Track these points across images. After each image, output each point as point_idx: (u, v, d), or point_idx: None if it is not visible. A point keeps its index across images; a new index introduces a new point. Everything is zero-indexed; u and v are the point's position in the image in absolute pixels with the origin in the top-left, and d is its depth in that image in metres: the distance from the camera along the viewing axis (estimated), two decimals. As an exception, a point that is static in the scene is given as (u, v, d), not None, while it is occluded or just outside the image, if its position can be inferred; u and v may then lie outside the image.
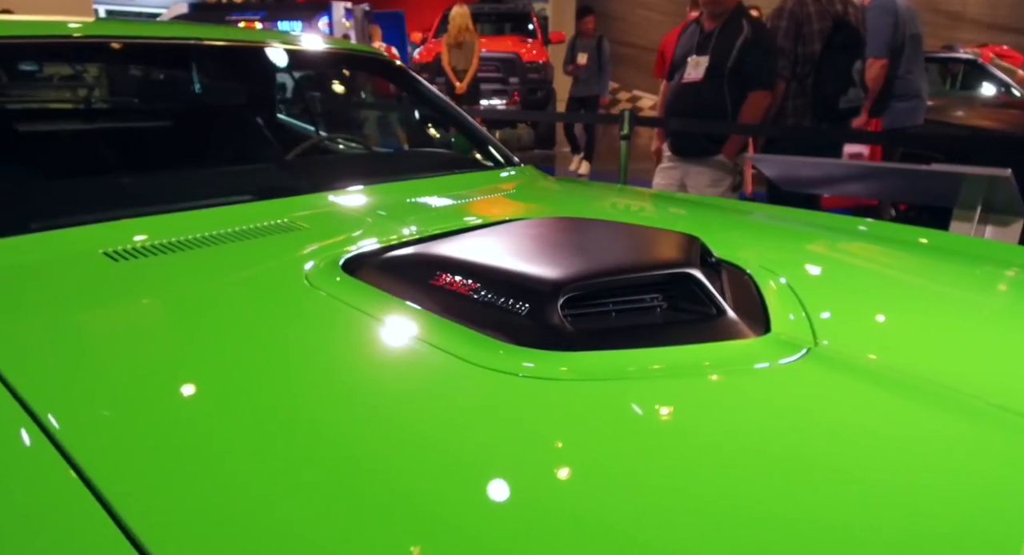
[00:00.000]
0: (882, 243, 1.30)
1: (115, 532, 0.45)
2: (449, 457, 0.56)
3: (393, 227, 1.15)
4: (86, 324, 0.82)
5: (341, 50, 2.07)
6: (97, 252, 0.99)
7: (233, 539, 0.46)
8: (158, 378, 0.68)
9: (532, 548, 0.45)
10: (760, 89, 2.54)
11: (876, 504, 0.51)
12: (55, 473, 0.52)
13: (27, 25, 1.42)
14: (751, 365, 0.71)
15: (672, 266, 0.82)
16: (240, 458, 0.55)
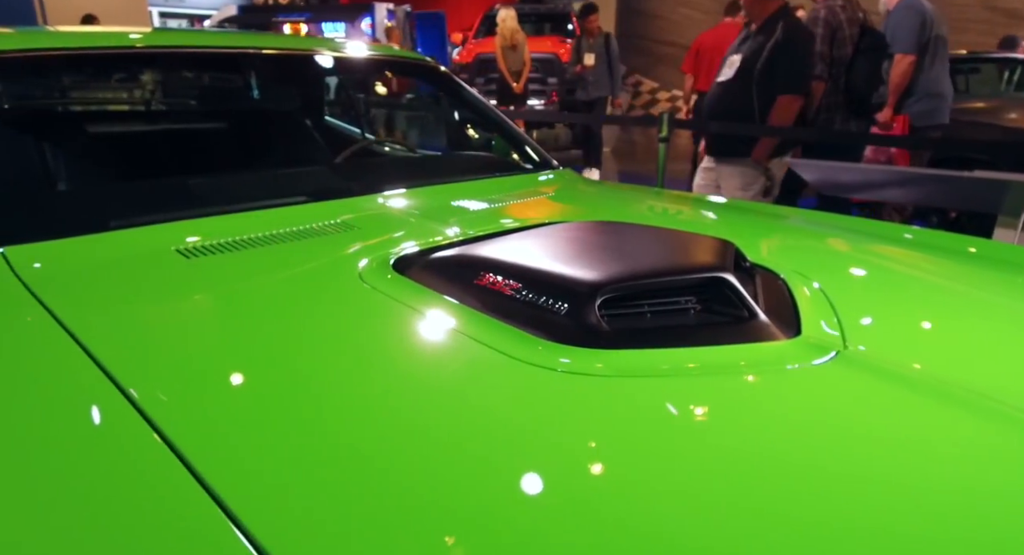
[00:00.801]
0: (917, 249, 1.31)
1: (198, 492, 0.52)
2: (491, 444, 0.61)
3: (439, 228, 1.21)
4: (167, 315, 0.90)
5: (387, 56, 2.15)
6: (170, 249, 1.08)
7: (305, 502, 0.52)
8: (233, 361, 0.75)
9: (568, 530, 0.50)
10: (787, 93, 2.53)
11: (891, 501, 0.54)
12: (143, 442, 0.59)
13: (104, 36, 1.53)
14: (780, 366, 0.74)
15: (706, 270, 0.86)
16: (306, 434, 0.61)
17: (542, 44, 8.88)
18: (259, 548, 0.47)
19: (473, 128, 2.22)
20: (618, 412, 0.66)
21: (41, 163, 1.43)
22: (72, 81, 1.95)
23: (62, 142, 1.54)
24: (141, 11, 8.62)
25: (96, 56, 1.54)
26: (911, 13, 3.14)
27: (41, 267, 0.99)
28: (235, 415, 0.65)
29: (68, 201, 1.34)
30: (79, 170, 1.53)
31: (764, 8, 2.50)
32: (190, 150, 1.75)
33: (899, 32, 3.19)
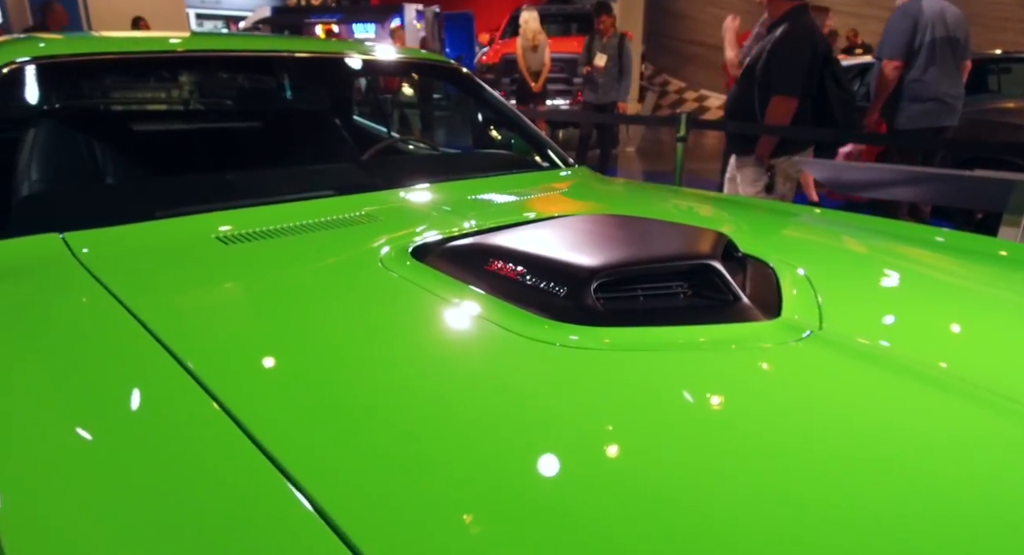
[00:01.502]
0: (906, 242, 1.37)
1: (254, 451, 0.60)
2: (501, 407, 0.70)
3: (455, 221, 1.30)
4: (211, 293, 1.01)
5: (413, 59, 2.25)
6: (210, 236, 1.19)
7: (352, 460, 0.61)
8: (272, 334, 0.85)
9: (573, 477, 0.59)
10: (779, 94, 2.57)
11: (840, 462, 0.61)
12: (199, 406, 0.68)
13: (151, 41, 1.65)
14: (755, 343, 0.82)
15: (695, 258, 0.94)
16: (342, 397, 0.71)
17: (568, 44, 8.94)
18: (312, 500, 0.53)
19: (493, 127, 2.31)
20: (608, 380, 0.75)
21: (94, 159, 1.56)
22: (122, 83, 2.09)
23: (113, 139, 1.67)
24: (179, 13, 8.89)
25: (144, 60, 1.67)
26: (902, 18, 3.20)
27: (97, 250, 1.11)
28: (281, 381, 0.74)
29: (119, 193, 1.46)
30: (128, 165, 1.66)
31: (776, 10, 2.55)
32: (228, 147, 1.88)
33: (887, 37, 3.28)
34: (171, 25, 8.59)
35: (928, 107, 3.26)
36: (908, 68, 3.24)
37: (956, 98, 3.30)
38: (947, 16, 3.17)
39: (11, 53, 1.40)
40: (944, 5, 3.19)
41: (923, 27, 3.15)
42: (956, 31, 3.19)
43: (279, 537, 0.51)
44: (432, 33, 12.81)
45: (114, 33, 1.76)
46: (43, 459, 0.62)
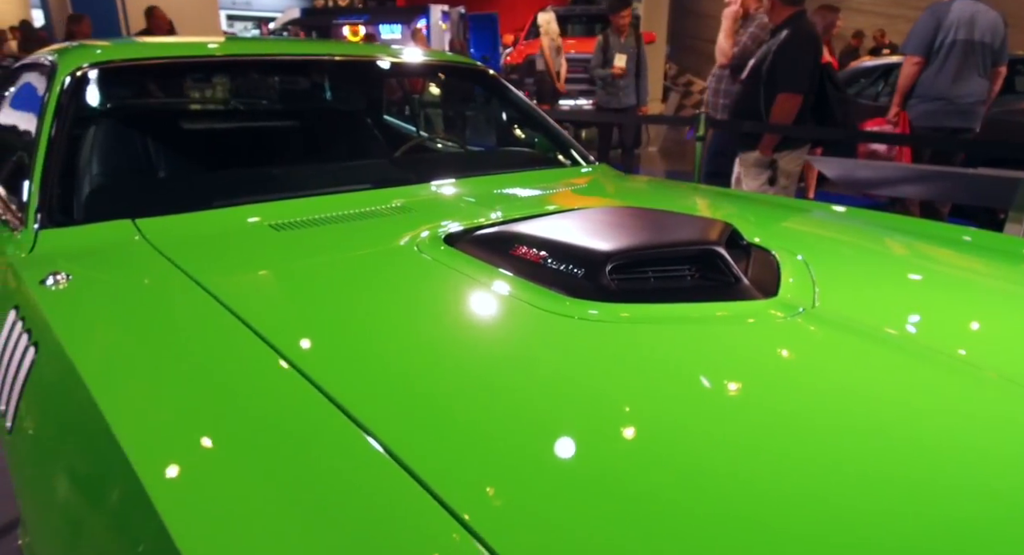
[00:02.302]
0: (903, 234, 1.45)
1: (333, 410, 0.69)
2: (528, 370, 0.80)
3: (482, 212, 1.42)
4: (270, 270, 1.13)
5: (442, 61, 2.38)
6: (263, 224, 1.32)
7: (419, 409, 0.72)
8: (328, 307, 0.97)
9: (592, 427, 0.69)
10: (784, 91, 2.71)
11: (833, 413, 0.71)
12: (278, 371, 0.80)
13: (198, 46, 1.79)
14: (752, 317, 0.92)
15: (701, 244, 1.04)
16: (396, 361, 0.82)
17: (591, 45, 9.01)
18: (391, 452, 0.62)
19: (518, 127, 2.42)
20: (621, 347, 0.85)
21: (154, 154, 1.71)
22: (176, 84, 2.25)
23: (169, 136, 1.82)
24: (213, 15, 9.13)
25: (194, 63, 1.81)
26: (929, 17, 3.27)
27: (165, 235, 1.24)
28: (340, 347, 0.85)
29: (180, 184, 1.60)
30: (183, 159, 1.80)
31: (779, 14, 2.67)
32: (272, 143, 2.02)
33: (911, 34, 3.36)
34: (204, 26, 8.85)
35: (933, 107, 3.30)
36: (928, 67, 3.30)
37: (971, 101, 3.32)
38: (977, 20, 3.19)
39: (77, 59, 1.55)
40: (978, 10, 3.20)
41: (947, 28, 3.19)
42: (985, 36, 3.21)
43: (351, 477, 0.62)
44: (457, 34, 12.96)
45: (165, 38, 1.91)
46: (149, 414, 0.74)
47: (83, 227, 1.27)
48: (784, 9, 2.71)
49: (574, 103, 8.23)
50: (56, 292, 1.02)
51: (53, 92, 1.45)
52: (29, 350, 0.93)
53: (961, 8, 3.19)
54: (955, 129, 3.31)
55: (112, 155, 1.58)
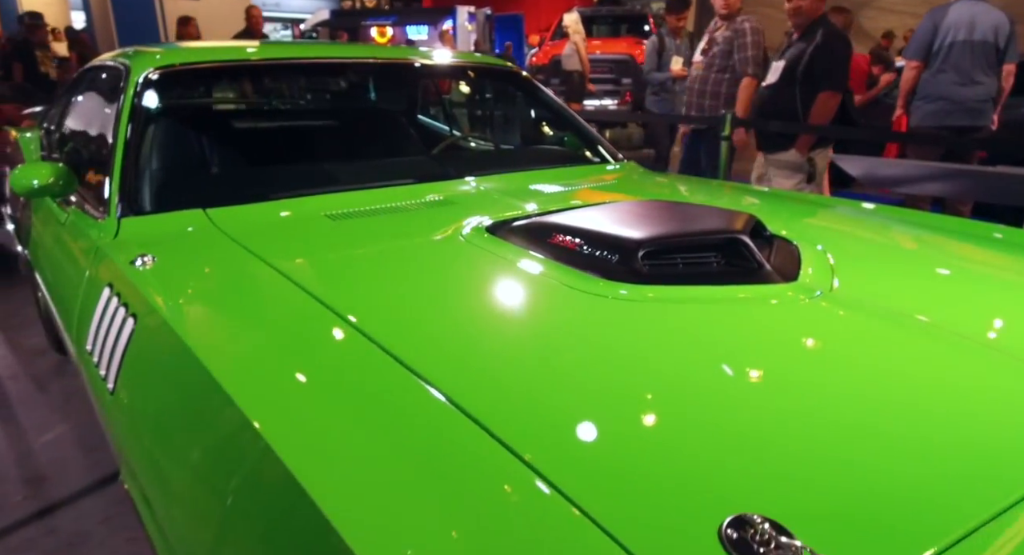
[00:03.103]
0: (921, 228, 1.53)
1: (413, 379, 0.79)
2: (572, 343, 0.90)
3: (519, 205, 1.52)
4: (335, 255, 1.24)
5: (476, 63, 2.48)
6: (320, 214, 1.43)
7: (486, 372, 0.83)
8: (388, 286, 1.08)
9: (632, 386, 0.79)
10: (827, 90, 2.80)
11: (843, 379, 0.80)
12: (356, 342, 0.91)
13: (253, 50, 1.92)
14: (773, 299, 1.00)
15: (726, 233, 1.13)
16: (455, 337, 0.92)
17: (617, 45, 9.07)
18: (456, 402, 0.71)
19: (548, 125, 2.52)
20: (650, 323, 0.94)
21: (221, 150, 1.84)
22: (234, 85, 2.40)
23: (234, 134, 1.95)
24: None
25: (251, 66, 1.94)
26: (926, 21, 3.35)
27: (234, 222, 1.36)
28: (406, 322, 0.94)
29: (242, 178, 1.73)
30: (246, 155, 1.94)
31: (810, 17, 2.74)
32: (323, 141, 2.15)
33: (911, 40, 3.46)
34: (238, 28, 9.08)
35: (937, 107, 3.35)
36: (928, 69, 3.37)
37: (977, 100, 3.35)
38: (978, 21, 3.23)
39: (147, 63, 1.68)
40: (978, 11, 3.24)
41: (944, 30, 3.26)
42: (988, 36, 3.24)
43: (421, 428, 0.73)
44: (483, 35, 13.09)
45: (224, 43, 2.05)
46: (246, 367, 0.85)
47: (160, 216, 1.40)
48: (819, 6, 2.78)
49: (599, 103, 8.30)
50: (145, 272, 1.15)
51: (128, 93, 1.59)
52: (128, 322, 1.06)
53: (960, 10, 3.23)
54: (962, 128, 3.35)
55: (180, 150, 1.72)
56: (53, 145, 2.21)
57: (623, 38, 9.66)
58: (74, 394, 2.45)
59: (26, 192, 1.52)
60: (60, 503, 1.85)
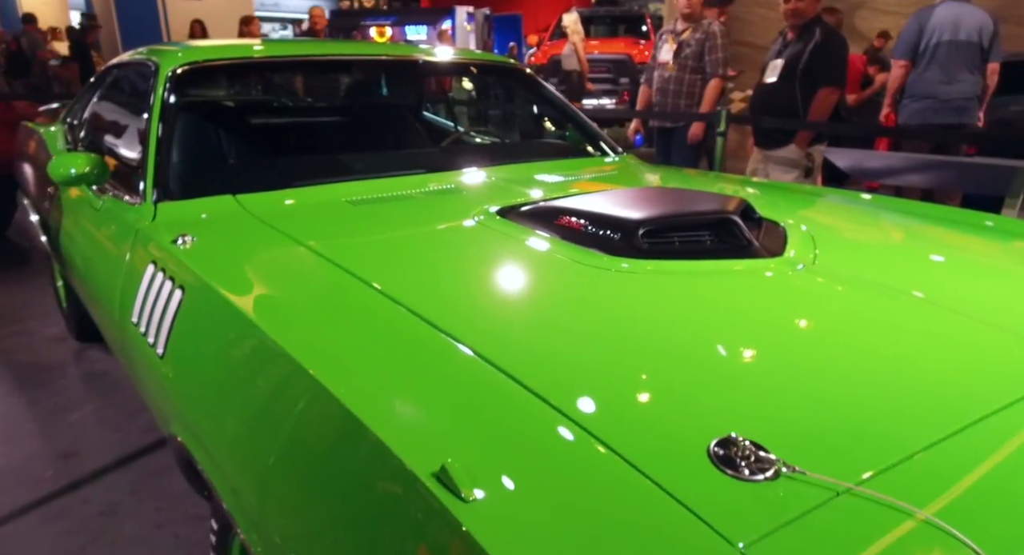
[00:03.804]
0: (902, 213, 1.64)
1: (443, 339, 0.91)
2: (582, 309, 1.00)
3: (526, 192, 1.62)
4: (361, 235, 1.34)
5: (478, 60, 2.59)
6: (342, 200, 1.54)
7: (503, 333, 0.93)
8: (411, 262, 1.19)
9: (633, 346, 0.90)
10: (827, 86, 2.93)
11: (820, 337, 0.91)
12: (382, 303, 1.01)
13: (275, 47, 2.03)
14: (760, 271, 1.12)
15: (718, 214, 1.24)
16: (468, 312, 1.03)
17: (614, 45, 9.19)
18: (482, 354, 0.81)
19: (551, 120, 2.63)
20: (650, 291, 1.05)
21: (246, 140, 1.95)
22: (258, 80, 2.51)
23: (261, 127, 2.06)
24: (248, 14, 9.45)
25: (274, 62, 2.05)
26: (912, 22, 3.48)
27: (262, 207, 1.47)
28: (428, 286, 1.05)
29: (268, 166, 1.84)
30: (269, 145, 2.05)
31: (807, 18, 2.86)
32: (339, 133, 2.26)
33: (898, 41, 3.61)
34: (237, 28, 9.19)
35: (922, 105, 3.48)
36: (915, 69, 3.49)
37: (962, 98, 3.47)
38: (962, 21, 3.35)
39: (175, 60, 1.78)
40: (962, 12, 3.36)
41: (929, 31, 3.38)
42: (972, 35, 3.36)
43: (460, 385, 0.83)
44: (482, 35, 13.19)
45: (246, 41, 2.15)
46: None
47: (193, 201, 1.50)
48: (814, 6, 2.91)
49: (597, 103, 8.41)
50: (187, 249, 1.26)
51: (158, 87, 1.69)
52: (175, 293, 1.16)
53: (945, 11, 3.36)
54: (948, 125, 3.48)
55: (209, 140, 1.83)
56: (78, 138, 2.31)
57: (621, 38, 9.78)
58: (96, 378, 2.56)
59: (64, 180, 1.62)
60: (90, 476, 1.96)
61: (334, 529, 0.72)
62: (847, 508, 0.61)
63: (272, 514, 0.81)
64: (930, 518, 0.59)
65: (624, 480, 0.63)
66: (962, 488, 0.65)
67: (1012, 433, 0.72)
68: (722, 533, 0.57)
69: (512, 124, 2.96)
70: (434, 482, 0.62)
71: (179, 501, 1.83)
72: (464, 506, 0.60)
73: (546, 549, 0.57)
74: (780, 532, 0.58)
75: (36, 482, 1.93)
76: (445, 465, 0.63)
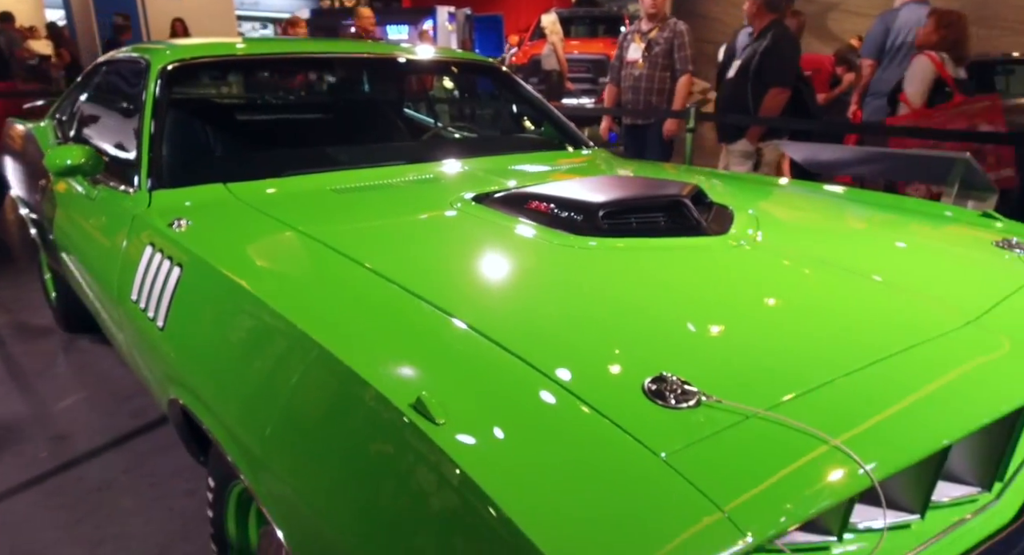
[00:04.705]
0: (833, 198, 1.80)
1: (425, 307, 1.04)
2: (553, 280, 1.12)
3: (500, 181, 1.74)
4: (346, 220, 1.45)
5: (460, 59, 2.71)
6: (327, 188, 1.65)
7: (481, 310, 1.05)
8: (396, 244, 1.29)
9: (596, 313, 1.02)
10: (775, 86, 3.12)
11: (755, 301, 1.04)
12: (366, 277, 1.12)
13: (265, 44, 2.13)
14: (706, 246, 1.24)
15: (670, 198, 1.37)
16: (443, 281, 1.14)
17: (594, 46, 9.35)
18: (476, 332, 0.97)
19: (526, 116, 2.75)
20: (611, 264, 1.17)
21: (239, 133, 2.04)
22: (247, 75, 2.61)
23: (249, 120, 2.16)
24: (229, 15, 9.48)
25: (262, 60, 2.15)
26: (878, 23, 3.69)
27: (251, 194, 1.57)
28: (411, 262, 1.16)
29: (256, 157, 1.94)
30: (260, 138, 2.15)
31: (760, 21, 3.05)
32: (325, 127, 2.36)
33: (865, 41, 3.82)
34: (220, 27, 9.20)
35: (882, 102, 3.65)
36: (880, 68, 3.69)
37: None
38: (924, 23, 3.53)
39: (165, 57, 1.87)
40: (925, 13, 3.54)
41: (895, 31, 3.57)
42: None
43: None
44: (462, 35, 13.29)
45: (233, 39, 2.25)
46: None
47: (187, 189, 1.60)
48: (767, 15, 3.09)
49: (577, 102, 8.55)
50: (183, 232, 1.36)
51: (150, 83, 1.78)
52: (174, 270, 1.26)
53: (908, 12, 3.55)
54: None
55: (200, 132, 1.93)
56: (68, 133, 2.39)
57: (600, 39, 9.94)
58: (86, 367, 2.63)
59: (60, 171, 1.70)
60: (84, 456, 2.04)
61: (332, 458, 0.83)
62: (753, 428, 0.73)
63: (276, 454, 0.91)
64: (821, 435, 0.72)
65: (571, 408, 0.75)
66: (855, 416, 0.78)
67: (903, 374, 0.86)
68: (648, 446, 0.69)
69: (489, 120, 3.08)
70: (412, 411, 0.74)
71: (172, 477, 1.92)
72: (436, 428, 0.71)
73: (503, 457, 0.69)
74: (696, 445, 0.70)
75: (31, 463, 2.01)
76: (421, 397, 0.74)
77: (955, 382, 0.86)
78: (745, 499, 0.65)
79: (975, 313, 1.01)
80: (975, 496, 0.94)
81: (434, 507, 0.70)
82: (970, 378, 0.88)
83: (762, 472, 0.68)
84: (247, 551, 1.25)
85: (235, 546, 1.25)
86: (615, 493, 0.65)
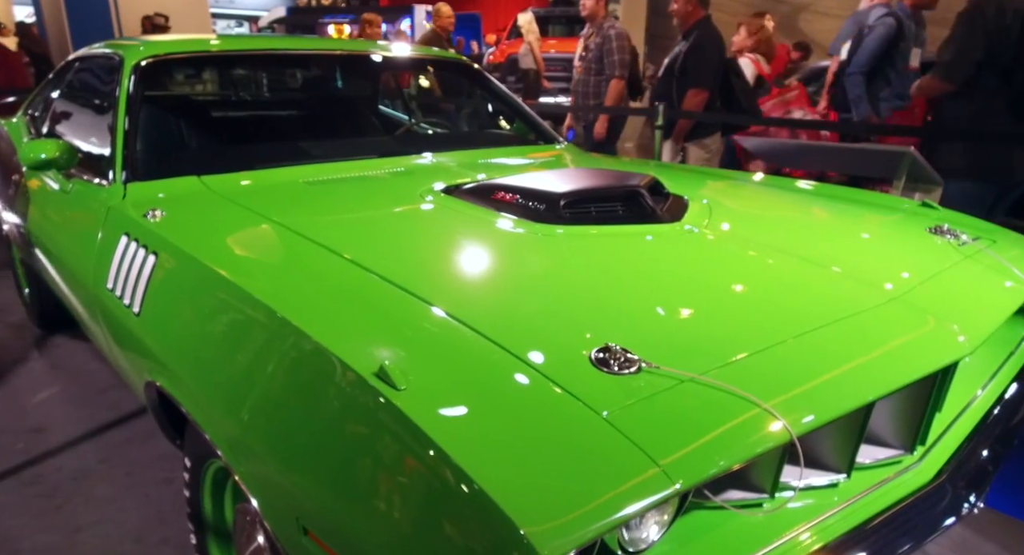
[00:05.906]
0: (783, 189, 1.89)
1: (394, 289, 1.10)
2: (522, 265, 1.18)
3: (470, 174, 1.80)
4: (316, 209, 1.50)
5: (434, 57, 2.76)
6: (299, 181, 1.69)
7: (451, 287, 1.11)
8: (367, 233, 1.35)
9: (554, 293, 1.09)
10: (693, 87, 3.25)
11: (705, 282, 1.12)
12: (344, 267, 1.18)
13: (240, 41, 2.16)
14: (660, 233, 1.32)
15: (627, 188, 1.44)
16: (409, 265, 1.20)
17: (571, 45, 9.43)
18: (415, 294, 1.04)
19: (499, 112, 2.81)
20: (572, 250, 1.24)
21: (212, 127, 2.07)
22: (222, 71, 2.64)
23: (222, 115, 2.19)
24: (203, 13, 9.40)
25: (238, 56, 2.19)
26: (849, 22, 3.82)
27: (225, 186, 1.61)
28: (382, 250, 1.21)
29: (230, 151, 1.97)
30: (233, 132, 2.18)
31: (686, 21, 3.17)
32: (299, 121, 2.40)
33: (836, 39, 3.96)
34: (194, 24, 9.12)
35: None
36: None
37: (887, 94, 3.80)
38: None
39: (139, 53, 1.90)
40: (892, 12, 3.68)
41: (867, 30, 3.68)
42: None
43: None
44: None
45: (208, 35, 2.28)
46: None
47: (161, 181, 1.63)
48: (697, 11, 3.20)
49: (554, 100, 8.63)
50: (158, 222, 1.40)
51: (124, 78, 1.81)
52: (149, 258, 1.30)
53: (878, 12, 3.66)
54: None
55: (174, 127, 1.96)
56: (41, 129, 2.40)
57: (577, 38, 10.01)
58: (61, 362, 2.64)
59: (35, 165, 1.73)
60: (60, 447, 2.06)
61: (308, 435, 0.88)
62: (688, 390, 0.81)
63: (254, 433, 0.96)
64: (746, 395, 0.80)
65: (525, 376, 0.81)
66: (782, 379, 0.85)
67: (828, 343, 0.94)
68: (592, 407, 0.76)
69: (461, 115, 3.14)
70: (375, 378, 0.80)
71: (148, 467, 1.95)
72: (398, 393, 0.77)
73: (461, 420, 0.75)
74: (635, 405, 0.77)
75: (7, 454, 2.02)
76: (383, 365, 0.80)
77: (875, 350, 0.95)
78: (675, 451, 0.72)
79: (901, 291, 1.10)
80: (899, 458, 1.02)
81: (398, 470, 0.76)
82: (890, 347, 0.96)
83: (691, 427, 0.75)
84: (223, 528, 1.29)
85: (211, 524, 1.29)
86: (562, 447, 0.72)
